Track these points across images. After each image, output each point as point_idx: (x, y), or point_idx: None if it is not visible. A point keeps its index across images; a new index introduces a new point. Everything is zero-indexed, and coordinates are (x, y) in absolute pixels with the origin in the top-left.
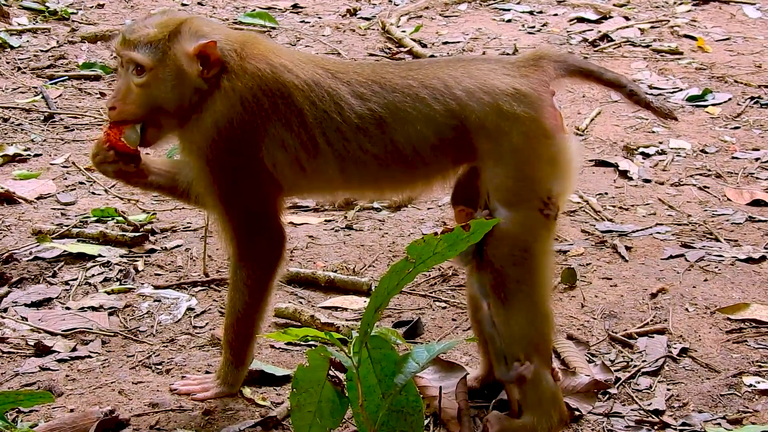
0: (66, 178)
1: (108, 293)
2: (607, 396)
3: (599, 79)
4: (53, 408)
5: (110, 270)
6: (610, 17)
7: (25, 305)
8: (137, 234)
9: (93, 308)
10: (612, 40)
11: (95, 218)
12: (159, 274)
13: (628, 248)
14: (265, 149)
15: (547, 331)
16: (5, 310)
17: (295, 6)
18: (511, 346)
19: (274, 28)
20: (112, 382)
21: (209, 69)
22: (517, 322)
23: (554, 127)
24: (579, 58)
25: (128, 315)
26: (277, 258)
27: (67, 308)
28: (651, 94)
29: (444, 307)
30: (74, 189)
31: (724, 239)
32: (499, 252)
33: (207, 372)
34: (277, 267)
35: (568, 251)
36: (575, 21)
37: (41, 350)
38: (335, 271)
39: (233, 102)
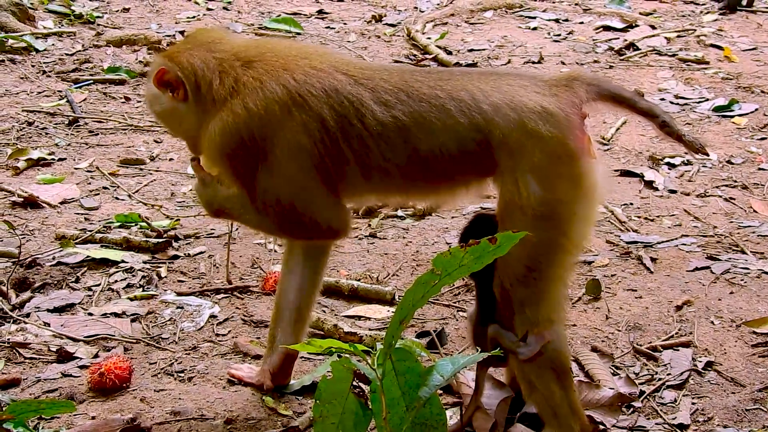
0: (90, 183)
1: (131, 299)
2: (632, 409)
3: (632, 107)
4: (75, 415)
5: (133, 276)
6: (636, 26)
7: (48, 311)
8: (160, 240)
9: (115, 314)
10: (638, 49)
11: (119, 224)
12: (182, 281)
13: (653, 260)
14: (283, 153)
15: (557, 347)
16: (28, 315)
17: (320, 12)
18: (520, 363)
19: (299, 34)
20: (133, 390)
21: (175, 91)
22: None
23: (580, 150)
24: (613, 84)
25: (151, 322)
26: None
27: (90, 314)
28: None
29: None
30: (98, 194)
31: (750, 251)
32: (510, 270)
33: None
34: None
35: (593, 262)
36: (601, 29)
37: (63, 356)
38: (359, 280)
39: (237, 111)
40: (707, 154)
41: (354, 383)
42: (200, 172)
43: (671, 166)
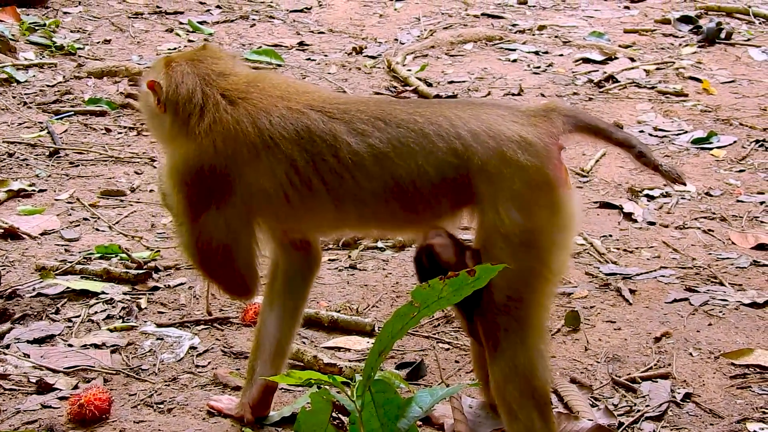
0: (70, 214)
1: (111, 331)
2: None
3: (609, 138)
4: None
5: (113, 307)
6: (616, 58)
7: (28, 342)
8: (141, 271)
9: (95, 346)
10: (617, 81)
11: (99, 255)
12: (162, 312)
13: (632, 291)
14: (240, 197)
15: (538, 377)
16: (7, 346)
17: (301, 44)
18: (502, 392)
19: (280, 66)
20: (113, 421)
21: (158, 102)
22: (507, 369)
23: (558, 180)
24: (590, 115)
25: (131, 353)
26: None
27: (70, 345)
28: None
29: (447, 349)
30: (78, 225)
31: (729, 283)
32: (492, 299)
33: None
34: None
35: (572, 294)
36: (581, 62)
37: (43, 387)
38: (338, 311)
39: (205, 146)
40: (684, 184)
41: (333, 414)
42: None
43: (650, 198)
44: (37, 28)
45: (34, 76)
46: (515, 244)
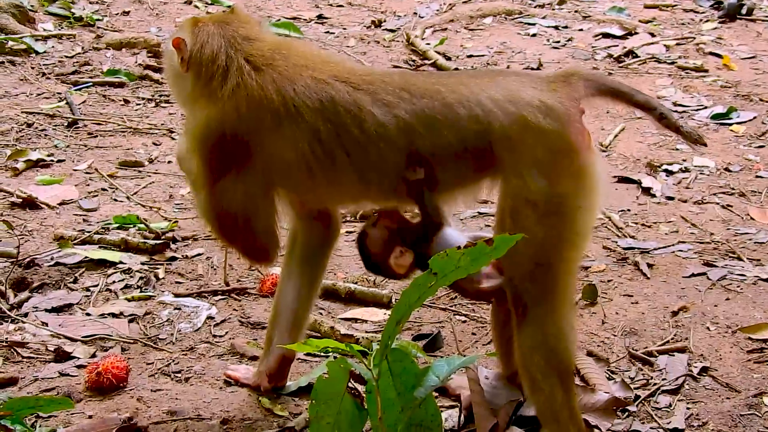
0: (88, 185)
1: (128, 300)
2: (627, 414)
3: (630, 101)
4: (72, 414)
5: (131, 277)
6: (636, 33)
7: (46, 310)
8: (158, 242)
9: (113, 315)
10: (637, 57)
11: (117, 225)
12: (179, 282)
13: (649, 265)
14: (260, 165)
15: (565, 347)
16: (26, 315)
17: (320, 17)
18: (528, 361)
19: (298, 39)
20: (130, 390)
21: (182, 60)
22: (534, 338)
23: (580, 144)
24: (611, 78)
25: (148, 322)
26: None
27: (88, 314)
28: (680, 116)
29: (464, 321)
30: (96, 195)
31: (747, 258)
32: (519, 268)
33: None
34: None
35: (590, 267)
36: (600, 36)
37: (61, 356)
38: (356, 283)
39: (228, 110)
40: (705, 144)
41: (350, 384)
42: None
43: (669, 173)
44: None
45: (53, 47)
46: (541, 211)
